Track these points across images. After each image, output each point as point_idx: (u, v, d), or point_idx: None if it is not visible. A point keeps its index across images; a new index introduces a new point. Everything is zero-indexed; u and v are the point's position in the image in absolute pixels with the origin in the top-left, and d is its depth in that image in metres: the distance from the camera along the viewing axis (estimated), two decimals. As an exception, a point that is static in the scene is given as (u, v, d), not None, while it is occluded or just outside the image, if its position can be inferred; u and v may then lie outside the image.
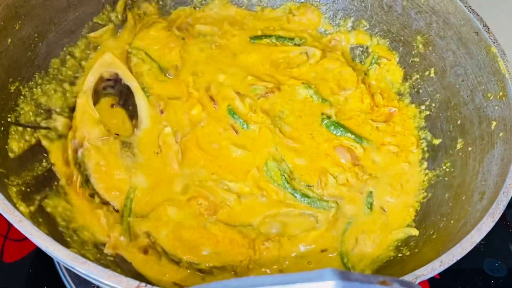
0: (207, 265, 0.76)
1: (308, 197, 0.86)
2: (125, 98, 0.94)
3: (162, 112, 0.92)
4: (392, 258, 0.80)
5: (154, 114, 0.92)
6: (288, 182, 0.87)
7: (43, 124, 0.86)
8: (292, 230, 0.84)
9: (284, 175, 0.87)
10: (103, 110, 0.93)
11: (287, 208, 0.85)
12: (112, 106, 0.94)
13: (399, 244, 0.82)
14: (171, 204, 0.81)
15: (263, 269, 0.79)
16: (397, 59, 1.03)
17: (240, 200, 0.85)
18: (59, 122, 0.89)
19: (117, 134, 0.89)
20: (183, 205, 0.82)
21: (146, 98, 0.92)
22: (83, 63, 0.97)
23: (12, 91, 0.81)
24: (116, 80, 0.95)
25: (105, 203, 0.82)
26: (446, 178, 0.87)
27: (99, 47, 1.00)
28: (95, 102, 0.91)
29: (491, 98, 0.83)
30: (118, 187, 0.82)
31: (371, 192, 0.88)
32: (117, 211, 0.81)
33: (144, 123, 0.90)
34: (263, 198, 0.86)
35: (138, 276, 0.75)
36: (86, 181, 0.83)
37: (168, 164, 0.86)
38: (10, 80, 0.81)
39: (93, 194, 0.82)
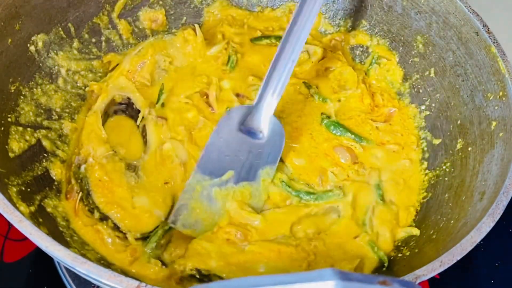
0: None
1: (313, 193, 0.86)
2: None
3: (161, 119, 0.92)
4: (392, 258, 0.80)
5: (159, 134, 0.91)
6: (289, 186, 0.86)
7: (43, 124, 0.86)
8: (322, 226, 0.83)
9: (283, 181, 0.87)
10: (111, 130, 0.91)
11: (307, 208, 0.84)
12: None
13: (399, 244, 0.82)
14: (201, 239, 0.79)
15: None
16: (397, 59, 1.03)
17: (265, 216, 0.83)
18: (60, 122, 0.89)
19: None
20: (212, 239, 0.79)
21: (155, 124, 0.92)
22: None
23: (12, 91, 0.81)
24: (128, 105, 0.95)
25: (104, 218, 0.81)
26: (446, 178, 0.87)
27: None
28: (103, 123, 0.91)
29: (491, 98, 0.83)
30: (119, 203, 0.82)
31: (378, 185, 0.88)
32: (116, 226, 0.81)
33: (152, 148, 0.89)
34: (279, 208, 0.85)
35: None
36: (87, 196, 0.82)
37: (174, 182, 0.86)
38: (10, 80, 0.81)
39: (93, 209, 0.82)
